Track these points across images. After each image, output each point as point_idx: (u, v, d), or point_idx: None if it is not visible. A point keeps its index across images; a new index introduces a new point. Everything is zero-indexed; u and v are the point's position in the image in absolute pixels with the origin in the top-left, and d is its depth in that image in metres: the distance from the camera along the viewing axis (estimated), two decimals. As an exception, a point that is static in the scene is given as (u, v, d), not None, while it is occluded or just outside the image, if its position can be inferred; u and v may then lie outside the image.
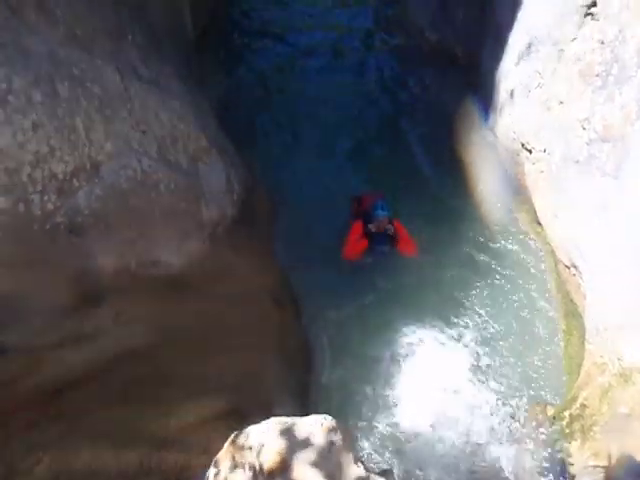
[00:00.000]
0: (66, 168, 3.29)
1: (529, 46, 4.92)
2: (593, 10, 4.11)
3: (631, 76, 3.44)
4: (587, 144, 3.86)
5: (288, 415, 4.33)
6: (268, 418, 4.07)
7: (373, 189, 6.43)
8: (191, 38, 7.39)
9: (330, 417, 2.38)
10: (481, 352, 5.38)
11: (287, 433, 2.21)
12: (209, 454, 3.46)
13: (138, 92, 4.29)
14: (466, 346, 5.42)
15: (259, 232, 5.71)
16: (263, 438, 2.26)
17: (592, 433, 3.51)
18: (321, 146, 7.33)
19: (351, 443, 2.29)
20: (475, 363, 5.32)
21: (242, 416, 3.88)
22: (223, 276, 4.55)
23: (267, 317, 4.85)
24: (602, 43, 3.83)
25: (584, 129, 3.90)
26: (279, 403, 4.38)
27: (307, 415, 4.62)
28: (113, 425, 3.18)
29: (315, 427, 2.23)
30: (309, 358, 5.12)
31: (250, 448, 2.26)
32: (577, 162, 4.00)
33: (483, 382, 5.17)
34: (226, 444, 2.43)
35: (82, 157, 3.41)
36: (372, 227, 5.66)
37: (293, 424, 2.28)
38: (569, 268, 4.57)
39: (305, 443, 2.15)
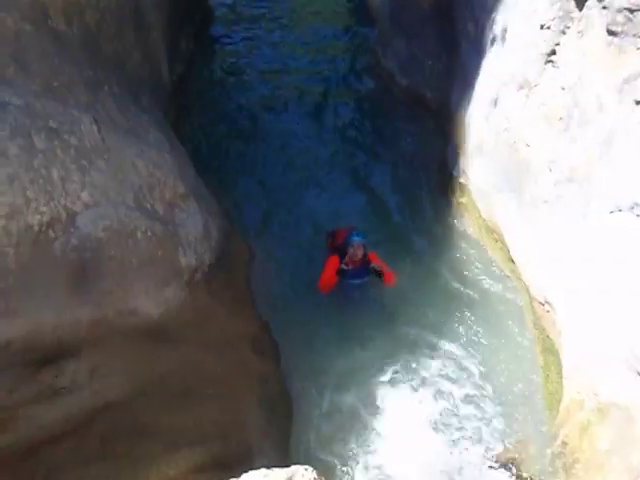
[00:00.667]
0: (42, 219, 3.29)
1: (496, 91, 5.13)
2: (553, 58, 4.33)
3: (591, 120, 3.61)
4: (554, 185, 4.00)
5: (270, 465, 4.26)
6: (250, 468, 3.99)
7: (346, 224, 6.45)
8: (168, 86, 7.52)
9: (311, 468, 2.35)
10: (460, 391, 5.37)
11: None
12: (191, 508, 3.39)
13: (115, 142, 4.33)
14: (444, 384, 5.41)
15: (237, 278, 5.70)
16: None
17: (574, 471, 3.51)
18: (295, 190, 7.42)
19: None
20: (454, 402, 5.30)
21: (224, 467, 3.80)
22: (202, 323, 4.51)
23: (247, 364, 4.79)
24: (563, 89, 4.02)
25: (551, 170, 4.04)
26: (261, 452, 4.29)
27: (288, 465, 4.56)
28: (89, 483, 3.08)
29: (296, 478, 2.20)
30: (290, 406, 5.04)
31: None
32: (546, 202, 4.13)
33: (462, 421, 5.14)
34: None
35: (58, 207, 3.41)
36: (348, 260, 5.68)
37: (274, 475, 2.23)
38: (543, 305, 4.65)
39: None
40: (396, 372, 5.54)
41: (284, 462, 4.52)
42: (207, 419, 3.98)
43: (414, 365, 5.63)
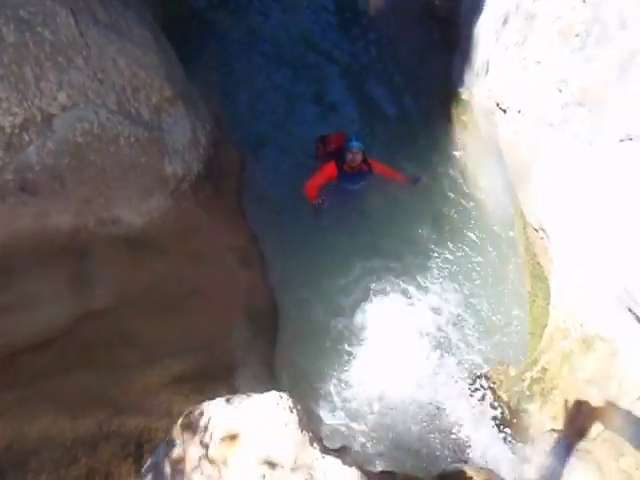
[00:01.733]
0: (14, 120, 3.08)
1: (509, 2, 4.74)
2: (576, -35, 3.94)
3: (611, 38, 3.33)
4: (562, 107, 3.77)
5: (252, 377, 4.33)
6: (232, 380, 4.06)
7: (337, 130, 6.21)
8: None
9: (286, 395, 2.33)
10: (446, 311, 5.42)
11: (240, 411, 2.15)
12: (171, 417, 3.43)
13: (95, 38, 4.00)
14: (430, 303, 5.45)
15: (226, 188, 5.54)
16: (216, 416, 2.19)
17: (552, 396, 3.58)
18: (292, 97, 7.08)
19: (307, 423, 2.25)
20: (439, 322, 5.36)
21: (206, 377, 3.85)
22: (188, 235, 4.42)
23: (233, 277, 4.76)
24: (583, 1, 3.68)
25: (560, 91, 3.80)
26: (245, 364, 4.35)
27: (272, 375, 4.64)
28: (71, 390, 3.09)
29: (270, 405, 2.18)
30: (276, 318, 5.07)
31: (203, 427, 2.19)
32: (551, 125, 3.91)
33: (445, 341, 5.22)
34: (178, 421, 2.36)
35: (32, 109, 3.19)
36: (346, 166, 5.57)
37: (248, 401, 2.21)
38: (537, 231, 4.56)
39: (259, 422, 2.09)
40: (383, 288, 5.56)
41: (267, 374, 4.63)
42: (191, 330, 3.98)
43: (401, 282, 5.64)
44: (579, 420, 3.21)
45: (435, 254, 5.74)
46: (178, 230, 4.29)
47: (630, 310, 2.90)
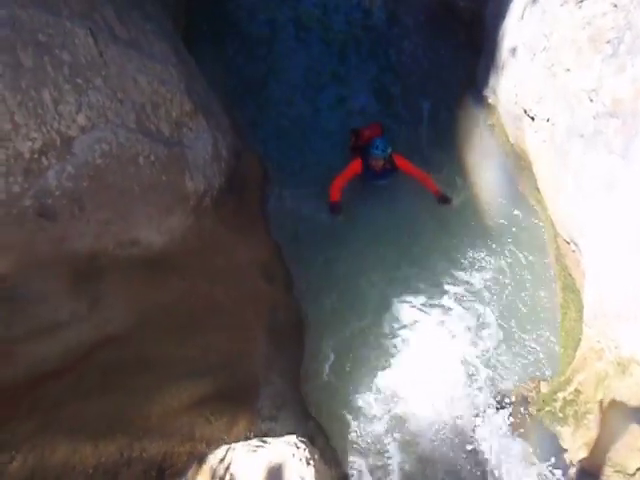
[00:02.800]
0: (33, 146, 3.06)
1: (535, 4, 4.58)
2: (607, -33, 3.76)
3: (645, 46, 3.17)
4: (594, 118, 3.61)
5: (276, 396, 4.27)
6: (254, 400, 3.99)
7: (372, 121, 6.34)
8: (177, -11, 6.94)
9: (304, 445, 2.24)
10: (477, 322, 5.27)
11: (258, 460, 2.08)
12: (193, 441, 3.40)
13: (114, 56, 3.98)
14: (460, 313, 5.32)
15: (250, 201, 5.49)
16: (234, 465, 2.13)
17: (585, 421, 3.42)
18: (314, 102, 7.00)
19: (326, 471, 2.17)
20: (470, 332, 5.22)
21: (227, 399, 3.81)
22: (209, 251, 4.38)
23: (256, 293, 4.70)
24: (615, 6, 3.51)
25: (591, 101, 3.64)
26: (268, 382, 4.29)
27: (297, 394, 4.56)
28: (92, 416, 3.07)
29: (287, 456, 2.10)
30: (301, 333, 5.00)
31: (221, 474, 2.13)
32: (582, 136, 3.75)
33: (476, 353, 5.08)
34: (199, 466, 2.31)
35: (51, 133, 3.17)
36: (370, 167, 5.73)
37: (266, 450, 2.14)
38: (569, 243, 4.39)
39: (275, 475, 2.03)
40: (412, 298, 5.44)
41: (292, 393, 4.57)
42: (212, 350, 3.94)
43: (431, 291, 5.52)
44: (613, 448, 3.06)
45: (465, 264, 5.60)
46: (199, 247, 4.25)
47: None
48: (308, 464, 2.08)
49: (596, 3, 3.72)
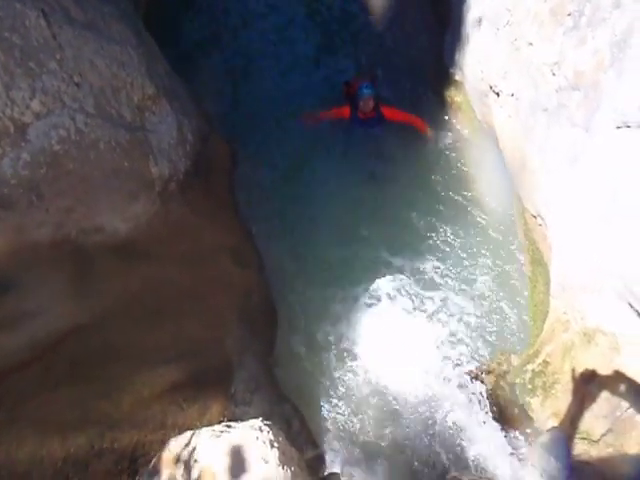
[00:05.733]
0: (-15, 133, 2.96)
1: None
2: (567, -61, 3.75)
3: (605, 18, 3.16)
4: (557, 91, 3.62)
5: (250, 379, 4.25)
6: (227, 385, 3.98)
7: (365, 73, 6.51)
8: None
9: (267, 428, 2.23)
10: (445, 297, 5.33)
11: (222, 444, 2.07)
12: (165, 429, 3.38)
13: (69, 39, 3.84)
14: (430, 288, 5.36)
15: (217, 184, 5.41)
16: (199, 449, 2.11)
17: (553, 391, 3.50)
18: (280, 81, 6.88)
19: (291, 454, 2.17)
20: (438, 308, 5.28)
21: (199, 385, 3.79)
22: (177, 237, 4.31)
23: (227, 277, 4.66)
24: (575, -22, 3.51)
25: (554, 75, 3.64)
26: (242, 366, 4.27)
27: (271, 376, 4.56)
28: (60, 408, 3.02)
29: (251, 439, 2.09)
30: (274, 315, 4.99)
31: (186, 458, 2.12)
32: (546, 110, 3.77)
33: (446, 328, 5.15)
34: (163, 452, 2.28)
35: (3, 120, 3.06)
36: (359, 112, 5.82)
37: (230, 435, 2.12)
38: (535, 217, 4.44)
39: (239, 458, 2.02)
40: (382, 278, 5.46)
41: (266, 375, 4.56)
42: (183, 336, 3.90)
43: (400, 267, 5.56)
44: (581, 415, 3.13)
45: (434, 239, 5.63)
46: (167, 233, 4.18)
47: (631, 305, 2.79)
48: (272, 446, 2.08)
49: (556, -24, 3.71)
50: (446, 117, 6.46)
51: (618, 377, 3.03)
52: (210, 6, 7.64)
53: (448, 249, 5.54)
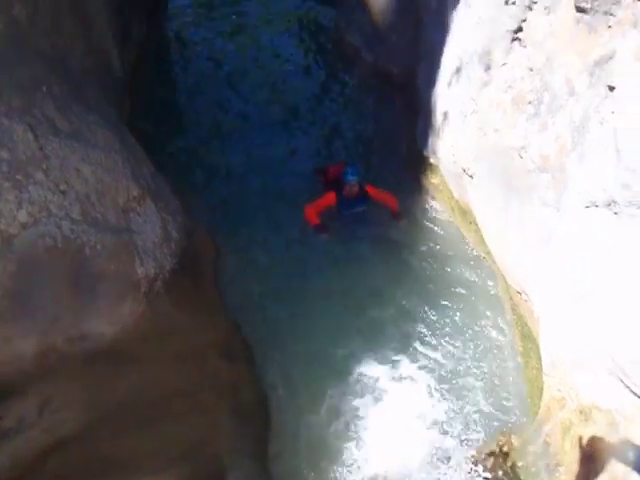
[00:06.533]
0: (-29, 247, 2.99)
1: (459, 70, 4.88)
2: (520, 35, 4.07)
3: (562, 105, 3.39)
4: (526, 173, 3.79)
5: (245, 477, 4.08)
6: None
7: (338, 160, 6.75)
8: (120, 75, 7.09)
9: None
10: (439, 378, 5.24)
11: None
12: None
13: (56, 149, 3.99)
14: (423, 372, 5.28)
15: (203, 279, 5.44)
16: None
17: (558, 474, 3.40)
18: (260, 175, 7.09)
19: None
20: (433, 391, 5.18)
21: (193, 492, 3.63)
22: (163, 337, 4.26)
23: (217, 374, 4.58)
24: (531, 70, 3.78)
25: (521, 158, 3.83)
26: (234, 467, 4.12)
27: (266, 473, 4.39)
28: (44, 530, 2.87)
29: None
30: (266, 412, 4.86)
31: None
32: (518, 191, 3.92)
33: (442, 411, 5.02)
34: None
35: (-10, 233, 3.12)
36: (345, 194, 6.03)
37: None
38: (520, 293, 4.50)
39: None
40: (374, 365, 5.38)
41: (262, 474, 4.39)
42: (173, 440, 3.78)
43: (392, 356, 5.47)
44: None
45: (424, 318, 5.62)
46: (153, 333, 4.14)
47: (622, 381, 2.79)
48: None
49: (514, 68, 3.99)
50: (425, 197, 6.66)
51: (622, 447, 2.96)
52: (192, 112, 8.03)
53: (439, 328, 5.53)
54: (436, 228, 6.42)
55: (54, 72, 4.72)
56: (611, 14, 3.08)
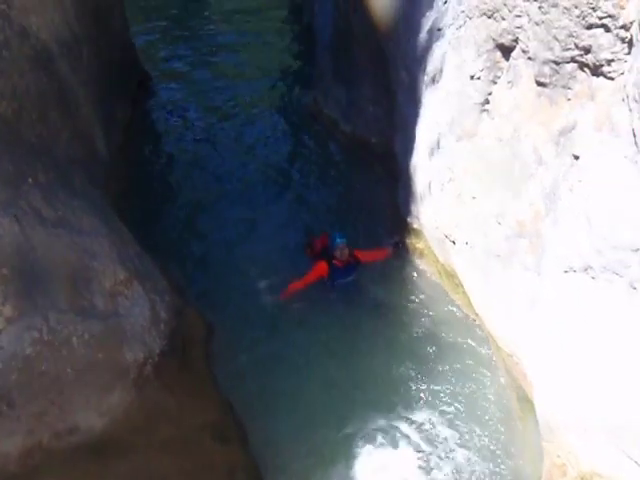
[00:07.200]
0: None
1: (436, 141, 5.06)
2: (487, 107, 4.27)
3: (532, 174, 3.52)
4: (505, 239, 3.88)
5: None
6: None
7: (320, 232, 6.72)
8: (105, 159, 7.24)
9: None
10: (439, 451, 5.12)
11: None
12: None
13: (42, 239, 4.03)
14: (422, 445, 5.15)
15: (194, 359, 5.36)
16: None
17: None
18: (248, 251, 7.15)
19: None
20: (435, 463, 5.05)
21: None
22: (156, 423, 4.17)
23: (211, 457, 4.45)
24: (500, 140, 3.94)
25: (499, 224, 3.93)
26: None
27: None
28: None
29: None
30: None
31: None
32: (499, 256, 4.00)
33: (441, 476, 4.89)
34: None
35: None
36: (337, 261, 5.97)
37: None
38: (511, 356, 4.49)
39: None
40: (372, 436, 5.26)
41: None
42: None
43: (389, 425, 5.35)
44: None
45: (419, 384, 5.54)
46: (144, 421, 4.06)
47: (617, 446, 2.76)
48: None
49: (483, 139, 4.16)
50: (411, 261, 6.72)
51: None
52: (178, 190, 8.18)
53: (433, 394, 5.45)
54: (424, 290, 6.45)
55: (40, 161, 4.83)
56: (569, 88, 3.27)
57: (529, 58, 3.60)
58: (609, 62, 2.92)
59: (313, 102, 9.52)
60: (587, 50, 3.05)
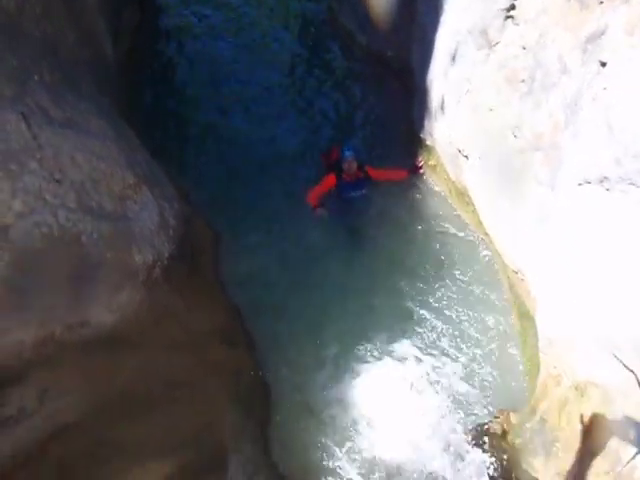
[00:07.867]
0: (-34, 240, 3.00)
1: (455, 51, 4.84)
2: (513, 13, 4.03)
3: (555, 83, 3.37)
4: (520, 152, 3.78)
5: (246, 462, 4.14)
6: (222, 472, 3.86)
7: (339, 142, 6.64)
8: (112, 64, 7.03)
9: None
10: (438, 358, 5.29)
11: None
12: (161, 526, 3.24)
13: (49, 138, 3.97)
14: (422, 352, 5.32)
15: (203, 266, 5.45)
16: None
17: (554, 449, 3.43)
18: (259, 161, 7.08)
19: None
20: (434, 370, 5.23)
21: (195, 475, 3.67)
22: (164, 323, 4.29)
23: (217, 360, 4.61)
24: (524, 48, 3.75)
25: (515, 137, 3.82)
26: (237, 450, 4.17)
27: (266, 456, 4.44)
28: (48, 516, 2.91)
29: None
30: (267, 395, 4.90)
31: None
32: (512, 170, 3.92)
33: (441, 390, 5.08)
34: None
35: (-15, 223, 3.12)
36: (345, 175, 5.98)
37: None
38: (517, 273, 4.51)
39: None
40: (371, 345, 5.43)
41: (262, 456, 4.44)
42: (175, 426, 3.81)
43: (391, 337, 5.53)
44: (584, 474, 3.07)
45: (423, 297, 5.65)
46: (153, 320, 4.16)
47: (616, 357, 2.81)
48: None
49: (507, 46, 3.96)
50: (423, 179, 6.65)
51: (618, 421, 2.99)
52: (187, 98, 7.97)
53: (437, 309, 5.56)
54: (435, 209, 6.43)
55: (45, 60, 4.69)
56: (603, -11, 3.05)
57: (562, -43, 3.35)
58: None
59: (328, 10, 9.07)
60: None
